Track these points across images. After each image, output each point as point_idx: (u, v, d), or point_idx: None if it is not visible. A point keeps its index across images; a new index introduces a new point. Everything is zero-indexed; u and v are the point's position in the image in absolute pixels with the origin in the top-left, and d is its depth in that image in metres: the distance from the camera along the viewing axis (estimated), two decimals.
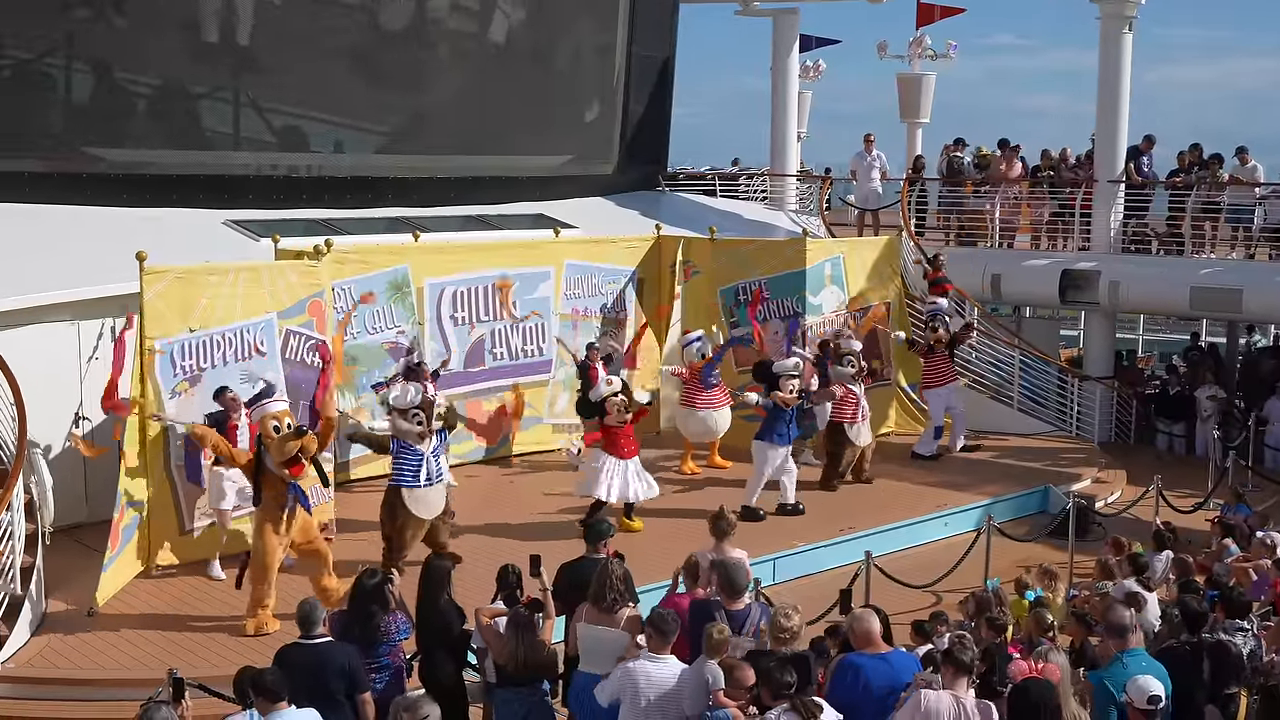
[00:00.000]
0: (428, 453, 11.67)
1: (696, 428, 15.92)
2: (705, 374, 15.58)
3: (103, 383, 11.99)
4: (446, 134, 19.51)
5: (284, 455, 10.33)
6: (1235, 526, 12.89)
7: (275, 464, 10.40)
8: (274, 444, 10.37)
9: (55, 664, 10.09)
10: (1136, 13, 19.62)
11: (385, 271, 15.03)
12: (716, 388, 15.69)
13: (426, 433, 11.66)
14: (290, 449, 10.31)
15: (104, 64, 16.14)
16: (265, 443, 10.45)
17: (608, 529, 9.51)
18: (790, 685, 6.86)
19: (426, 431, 11.66)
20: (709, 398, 15.66)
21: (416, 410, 11.65)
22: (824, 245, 18.22)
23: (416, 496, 11.61)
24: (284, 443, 10.32)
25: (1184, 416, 19.98)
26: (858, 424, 15.52)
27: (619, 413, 13.28)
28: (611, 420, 13.29)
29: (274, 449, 10.37)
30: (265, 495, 10.54)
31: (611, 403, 13.32)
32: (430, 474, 11.65)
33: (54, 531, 11.57)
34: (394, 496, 11.71)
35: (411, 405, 11.67)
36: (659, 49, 22.65)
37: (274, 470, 10.43)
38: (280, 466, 10.39)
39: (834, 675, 7.48)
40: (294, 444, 10.31)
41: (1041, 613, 9.38)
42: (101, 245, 13.72)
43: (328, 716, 7.45)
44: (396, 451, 11.69)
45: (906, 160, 25.71)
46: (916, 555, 13.63)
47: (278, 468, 10.40)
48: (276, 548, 10.55)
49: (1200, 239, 19.87)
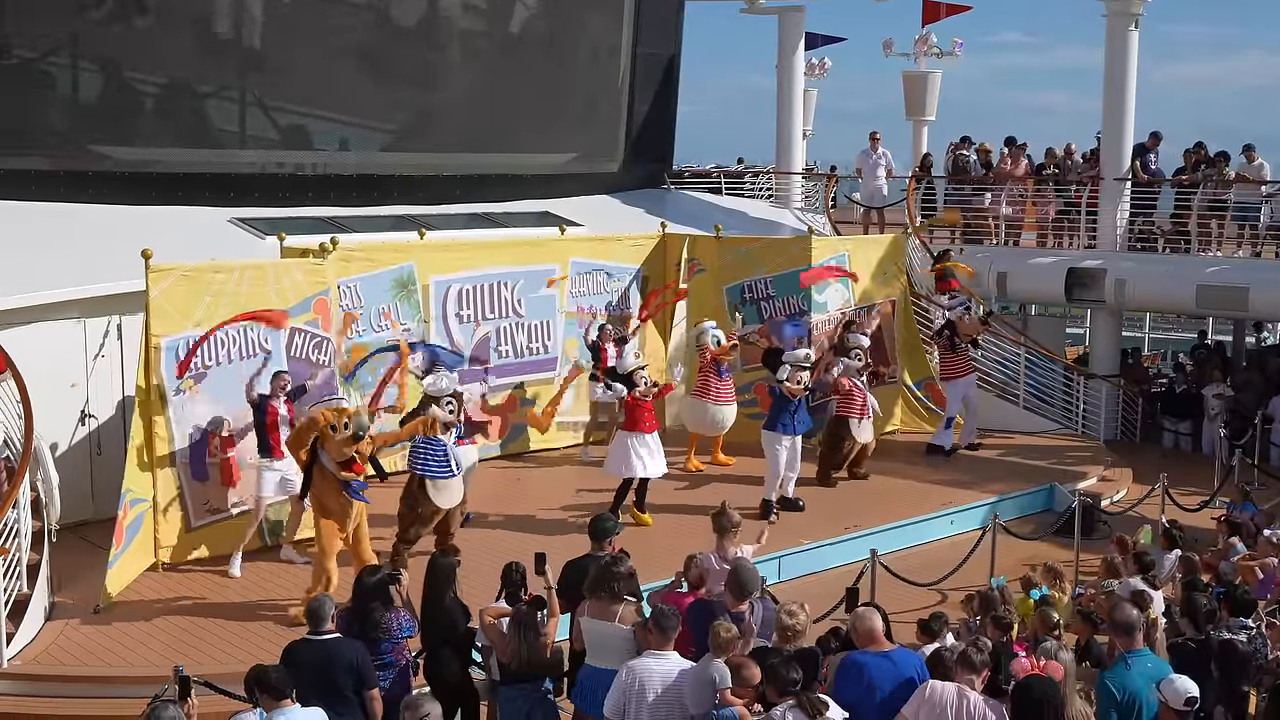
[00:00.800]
0: (450, 443, 11.73)
1: (703, 419, 15.88)
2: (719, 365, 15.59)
3: (109, 379, 12.02)
4: (452, 132, 19.52)
5: (341, 456, 10.42)
6: (1242, 525, 12.87)
7: (332, 463, 10.47)
8: (332, 443, 10.43)
9: (62, 661, 10.10)
10: (1142, 10, 19.59)
11: (391, 269, 15.05)
12: (726, 381, 15.67)
13: (455, 421, 11.79)
14: (347, 452, 10.40)
15: (110, 62, 16.16)
16: (323, 441, 10.50)
17: (613, 526, 9.53)
18: (796, 682, 6.86)
19: (455, 420, 11.80)
20: (720, 390, 15.64)
21: (450, 398, 11.75)
22: (829, 243, 18.22)
23: (440, 486, 11.68)
24: (342, 445, 10.39)
25: (1190, 415, 19.96)
26: (863, 420, 15.49)
27: (646, 386, 13.50)
28: (638, 393, 13.48)
29: (332, 449, 10.43)
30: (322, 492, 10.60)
31: (639, 375, 13.62)
32: (456, 463, 11.74)
33: (60, 529, 11.58)
34: (417, 486, 11.77)
35: (446, 392, 11.80)
36: (665, 47, 22.64)
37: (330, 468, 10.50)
38: (338, 467, 10.46)
39: (838, 673, 7.47)
40: (352, 446, 10.40)
41: (1047, 611, 9.37)
42: (107, 243, 13.75)
43: (336, 713, 7.46)
44: (421, 442, 11.75)
45: (912, 158, 25.69)
46: (922, 553, 13.63)
47: (335, 468, 10.46)
48: (336, 541, 10.63)
49: (1206, 237, 19.83)
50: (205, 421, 12.01)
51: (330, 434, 10.41)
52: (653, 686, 7.32)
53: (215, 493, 12.21)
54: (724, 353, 15.53)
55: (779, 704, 6.82)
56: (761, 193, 24.38)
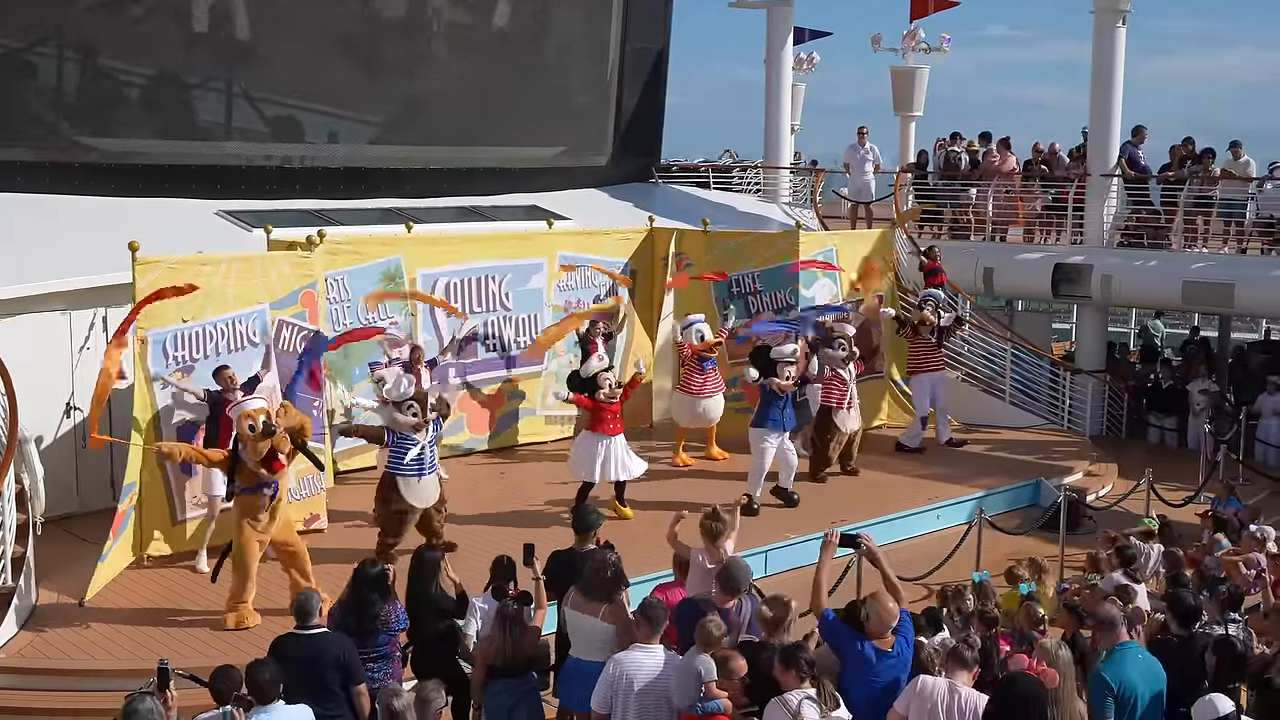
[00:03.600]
0: (424, 441, 11.70)
1: (688, 413, 15.86)
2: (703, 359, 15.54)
3: (95, 372, 11.94)
4: (440, 125, 19.49)
5: (258, 455, 10.30)
6: (1227, 520, 12.93)
7: (251, 463, 10.37)
8: (249, 443, 10.33)
9: (46, 654, 10.07)
10: (1130, 7, 19.62)
11: (378, 262, 15.02)
12: (709, 374, 15.61)
13: (422, 424, 11.69)
14: (262, 449, 10.26)
15: (96, 53, 16.10)
16: (241, 440, 10.42)
17: (597, 519, 9.54)
18: (813, 665, 6.88)
19: (422, 423, 11.69)
20: (702, 383, 15.58)
21: (411, 402, 11.68)
22: (817, 238, 18.24)
23: (412, 485, 11.63)
24: (256, 442, 10.26)
25: (1176, 410, 20.04)
26: (846, 410, 15.39)
27: (610, 389, 13.38)
28: (602, 396, 13.37)
29: (249, 449, 10.34)
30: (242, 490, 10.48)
31: (603, 378, 13.47)
32: (425, 463, 11.68)
33: (44, 522, 11.54)
34: (389, 484, 11.72)
35: (405, 397, 11.68)
36: (653, 41, 22.61)
37: (251, 467, 10.40)
38: (257, 465, 10.36)
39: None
40: (265, 444, 10.24)
41: (1033, 606, 9.40)
42: (93, 235, 13.69)
43: (323, 708, 7.47)
44: (394, 441, 11.71)
45: (900, 153, 25.74)
46: (909, 548, 13.64)
47: (254, 466, 10.37)
48: (255, 543, 10.51)
49: (1192, 233, 19.90)
50: (191, 414, 11.97)
51: (248, 434, 10.31)
52: (640, 680, 7.33)
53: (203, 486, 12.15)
54: (704, 348, 15.46)
55: (794, 691, 6.80)
56: (749, 187, 24.39)
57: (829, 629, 7.52)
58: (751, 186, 24.40)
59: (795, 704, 6.75)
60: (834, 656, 7.44)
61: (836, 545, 8.02)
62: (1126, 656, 7.43)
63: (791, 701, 6.77)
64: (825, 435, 15.57)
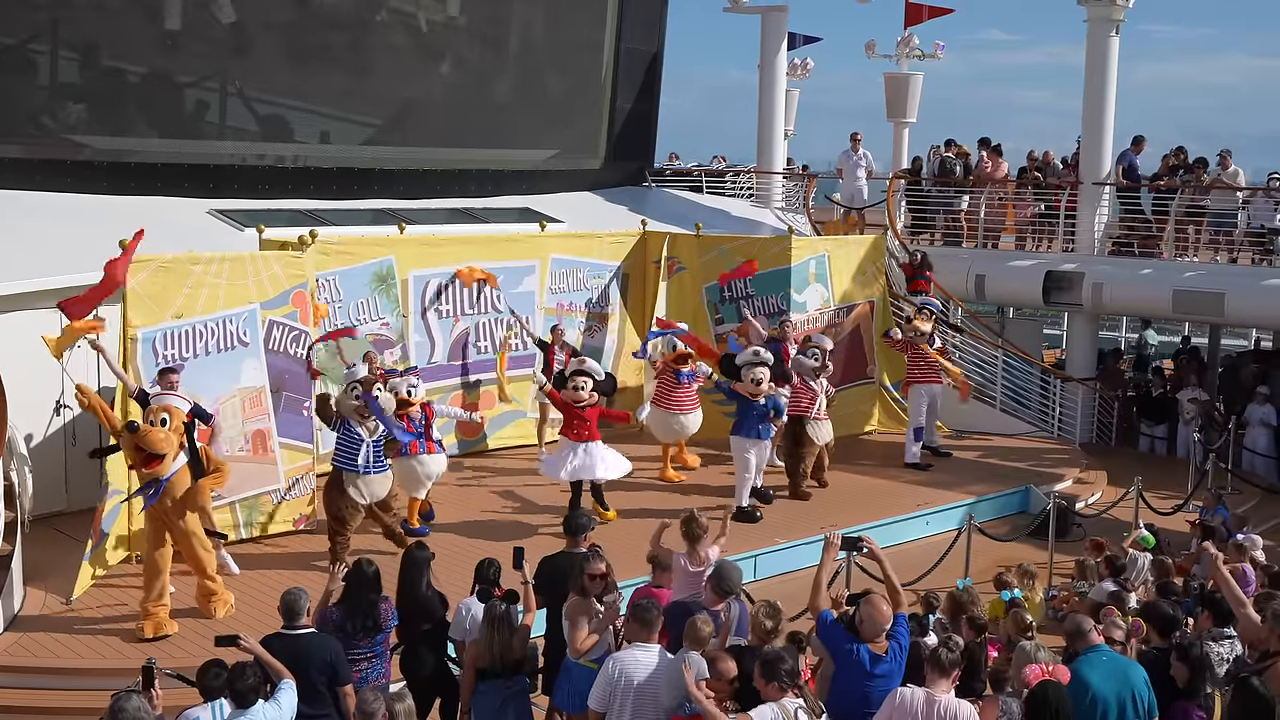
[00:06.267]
0: (368, 438, 11.65)
1: (665, 428, 15.40)
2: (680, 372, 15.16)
3: (85, 370, 11.90)
4: (433, 127, 19.49)
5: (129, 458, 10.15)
6: (1215, 529, 12.95)
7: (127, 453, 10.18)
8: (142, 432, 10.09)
9: (33, 653, 10.03)
10: (1124, 16, 19.66)
11: (370, 263, 15.01)
12: (685, 387, 15.19)
13: (365, 410, 11.59)
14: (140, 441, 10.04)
15: (89, 50, 16.08)
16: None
17: (587, 523, 9.52)
18: (798, 674, 6.88)
19: (364, 409, 11.58)
20: (679, 398, 15.18)
21: (355, 384, 11.66)
22: (809, 243, 18.24)
23: (354, 480, 11.63)
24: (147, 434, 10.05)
25: (1166, 418, 20.08)
26: (817, 421, 15.03)
27: (573, 391, 13.23)
28: (567, 397, 13.26)
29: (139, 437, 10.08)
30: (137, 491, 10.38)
31: (575, 381, 13.31)
32: (368, 460, 11.63)
33: (33, 520, 11.50)
34: (335, 477, 11.77)
35: (354, 377, 11.77)
36: (648, 45, 22.65)
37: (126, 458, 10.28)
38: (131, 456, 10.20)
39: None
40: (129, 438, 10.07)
41: (1020, 613, 9.41)
42: (85, 233, 13.66)
43: (309, 707, 7.45)
44: (341, 433, 11.70)
45: (893, 159, 25.76)
46: (898, 554, 13.51)
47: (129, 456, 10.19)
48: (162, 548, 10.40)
49: (1184, 242, 19.94)
50: None
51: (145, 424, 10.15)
52: (637, 678, 7.34)
53: None
54: (672, 361, 15.12)
55: (788, 699, 6.79)
56: (742, 192, 24.40)
57: (825, 630, 7.53)
58: (744, 191, 24.40)
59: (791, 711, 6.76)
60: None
61: (838, 547, 8.01)
62: (1094, 659, 7.47)
63: (789, 707, 6.79)
64: (799, 449, 15.07)
